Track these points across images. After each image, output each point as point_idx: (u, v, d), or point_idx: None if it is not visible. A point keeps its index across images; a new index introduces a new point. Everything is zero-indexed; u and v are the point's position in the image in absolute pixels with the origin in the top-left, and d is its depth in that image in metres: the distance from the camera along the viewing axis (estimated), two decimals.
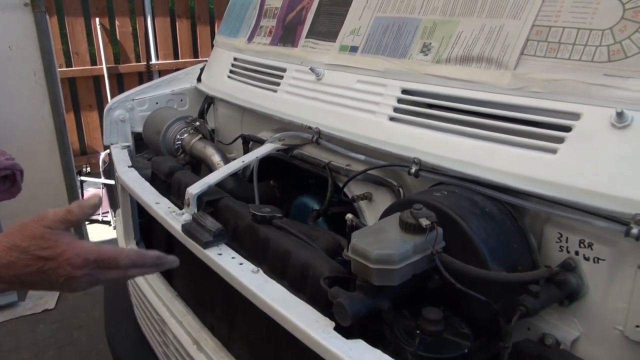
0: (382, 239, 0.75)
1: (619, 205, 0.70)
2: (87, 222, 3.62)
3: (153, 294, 1.36)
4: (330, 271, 0.85)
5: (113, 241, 3.47)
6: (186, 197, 1.15)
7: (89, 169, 4.51)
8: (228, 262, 0.97)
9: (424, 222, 0.72)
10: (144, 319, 1.45)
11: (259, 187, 1.40)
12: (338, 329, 0.76)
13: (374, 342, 0.73)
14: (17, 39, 2.67)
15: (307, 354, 0.89)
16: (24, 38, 2.68)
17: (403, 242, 0.73)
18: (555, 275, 0.78)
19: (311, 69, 1.20)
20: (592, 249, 0.78)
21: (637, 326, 0.75)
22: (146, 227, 1.59)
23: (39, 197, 3.09)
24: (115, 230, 3.73)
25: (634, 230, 0.68)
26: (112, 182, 3.76)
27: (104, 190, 3.95)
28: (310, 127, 1.16)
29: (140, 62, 4.58)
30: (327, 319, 0.78)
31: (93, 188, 4.29)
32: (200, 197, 1.15)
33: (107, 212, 3.92)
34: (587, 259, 0.79)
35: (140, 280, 1.44)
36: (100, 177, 3.94)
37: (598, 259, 0.78)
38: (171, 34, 4.65)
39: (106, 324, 1.70)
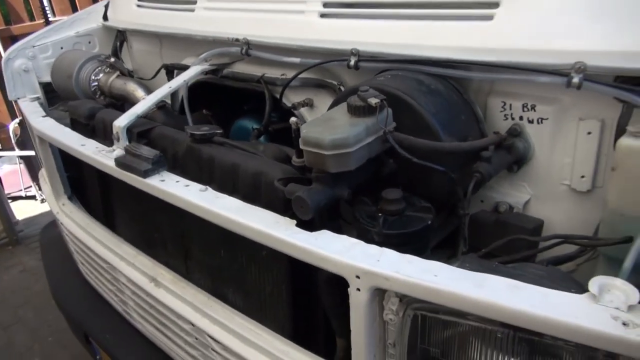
0: (332, 126, 0.72)
1: (558, 58, 0.71)
2: (10, 200, 3.36)
3: (97, 243, 1.28)
4: (283, 173, 0.82)
5: (44, 214, 3.27)
6: (114, 132, 1.07)
7: None
8: (173, 186, 0.91)
9: (373, 100, 0.70)
10: (91, 272, 1.38)
11: (193, 117, 1.32)
12: (300, 225, 0.74)
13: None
14: None
15: (269, 262, 0.88)
16: None
17: (355, 125, 0.71)
18: (504, 141, 0.79)
19: None
20: (535, 110, 0.80)
21: (582, 177, 0.79)
22: (76, 180, 1.47)
23: None
24: (42, 204, 3.50)
25: (575, 80, 0.70)
26: (29, 152, 3.50)
27: (21, 166, 3.66)
28: (237, 40, 1.09)
29: (34, 20, 4.14)
30: (288, 219, 0.76)
31: (8, 164, 3.96)
32: (129, 130, 1.07)
33: (30, 186, 3.65)
34: (531, 121, 0.81)
35: (80, 234, 1.35)
36: (14, 150, 3.62)
37: (541, 119, 0.80)
38: None
39: (53, 291, 1.60)
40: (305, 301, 0.88)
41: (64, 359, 2.13)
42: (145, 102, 1.12)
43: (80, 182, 1.45)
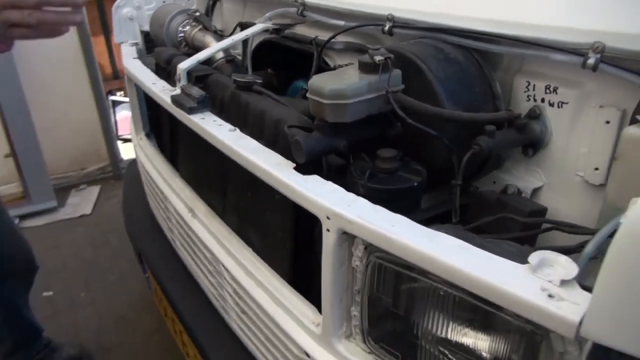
0: (338, 79, 0.76)
1: (578, 37, 0.68)
2: (120, 141, 3.78)
3: (158, 175, 1.43)
4: (299, 122, 0.87)
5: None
6: (177, 74, 1.19)
7: (123, 93, 4.62)
8: (209, 124, 1.01)
9: (378, 58, 0.73)
10: (153, 201, 1.55)
11: (257, 75, 1.42)
12: (297, 168, 0.79)
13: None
14: None
15: (280, 207, 0.94)
16: None
17: (357, 80, 0.74)
18: (516, 119, 0.78)
19: None
20: (557, 93, 0.77)
21: (596, 169, 0.75)
22: (154, 119, 1.65)
23: (70, 117, 3.24)
24: None
25: (591, 60, 0.67)
26: None
27: None
28: (295, 1, 1.15)
29: None
30: (289, 162, 0.81)
31: (127, 110, 4.43)
32: (189, 73, 1.18)
33: None
34: (551, 104, 0.78)
35: (149, 166, 1.52)
36: None
37: (562, 102, 0.77)
38: None
39: (124, 214, 1.82)
40: (306, 250, 0.93)
41: (133, 281, 2.40)
42: (207, 51, 1.23)
43: (157, 121, 1.63)
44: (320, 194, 0.71)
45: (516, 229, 0.74)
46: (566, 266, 0.53)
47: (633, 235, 0.41)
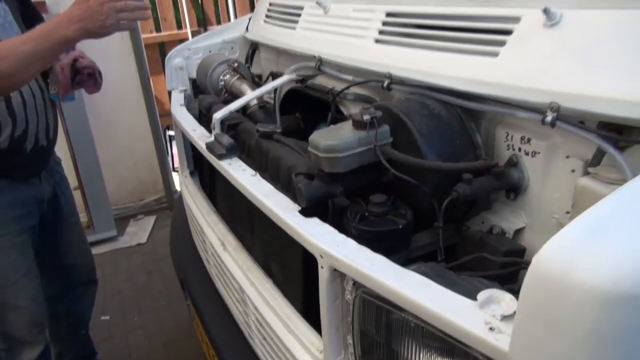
0: (333, 134, 0.88)
1: (539, 97, 0.77)
2: (175, 173, 4.06)
3: (197, 211, 1.60)
4: (306, 170, 1.00)
5: None
6: (212, 122, 1.35)
7: None
8: (235, 168, 1.15)
9: (365, 117, 0.84)
10: (194, 232, 1.71)
11: (286, 119, 1.58)
12: (304, 212, 0.91)
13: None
14: None
15: (294, 245, 1.06)
16: None
17: (349, 136, 0.86)
18: (493, 168, 0.86)
19: (317, 3, 1.32)
20: (530, 143, 0.86)
21: (567, 212, 0.82)
22: (197, 159, 1.83)
23: (130, 148, 3.54)
24: None
25: (548, 118, 0.75)
26: None
27: None
28: (314, 56, 1.30)
29: (220, 24, 4.87)
30: (296, 205, 0.94)
31: None
32: (223, 122, 1.35)
33: None
34: (527, 153, 0.87)
35: (191, 202, 1.69)
36: None
37: (535, 152, 0.85)
38: None
39: (171, 244, 2.00)
40: (315, 282, 1.04)
41: (181, 306, 2.58)
42: (239, 101, 1.39)
43: (200, 160, 1.81)
44: (315, 234, 0.83)
45: (494, 267, 0.82)
46: (509, 303, 0.61)
47: (537, 276, 0.50)
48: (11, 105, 1.38)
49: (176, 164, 4.42)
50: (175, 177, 4.01)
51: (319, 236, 0.82)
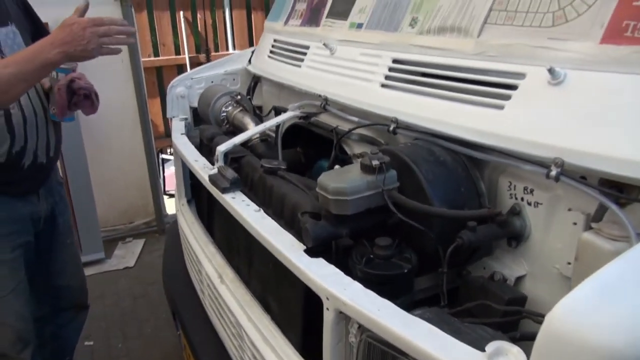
0: (342, 177, 0.90)
1: (544, 151, 0.80)
2: (166, 197, 4.04)
3: (194, 240, 1.60)
4: (312, 209, 1.01)
5: None
6: (216, 154, 1.37)
7: (171, 150, 4.95)
8: (238, 203, 1.16)
9: (374, 162, 0.87)
10: (189, 262, 1.70)
11: (287, 153, 1.60)
12: (309, 252, 0.92)
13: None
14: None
15: (294, 282, 1.06)
16: None
17: (358, 179, 0.88)
18: (497, 216, 0.89)
19: (324, 45, 1.36)
20: (533, 194, 0.88)
21: (569, 263, 0.84)
22: (195, 188, 1.84)
23: (123, 173, 3.53)
24: None
25: (553, 172, 0.78)
26: None
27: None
28: (320, 95, 1.33)
29: (218, 52, 4.94)
30: (301, 244, 0.95)
31: (174, 167, 4.74)
32: (226, 155, 1.36)
33: None
34: (529, 203, 0.89)
35: (187, 230, 1.69)
36: None
37: (537, 203, 0.88)
38: (247, 24, 4.97)
39: (164, 271, 1.98)
40: (315, 321, 1.04)
41: (167, 334, 2.54)
42: (244, 135, 1.41)
43: (198, 189, 1.81)
44: (321, 276, 0.84)
45: (496, 314, 0.84)
46: (517, 356, 0.62)
47: (550, 335, 0.52)
48: (11, 121, 1.39)
49: (167, 187, 4.41)
50: (167, 200, 4.00)
51: (325, 278, 0.83)
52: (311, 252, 0.92)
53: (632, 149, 0.72)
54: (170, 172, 4.59)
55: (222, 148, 1.36)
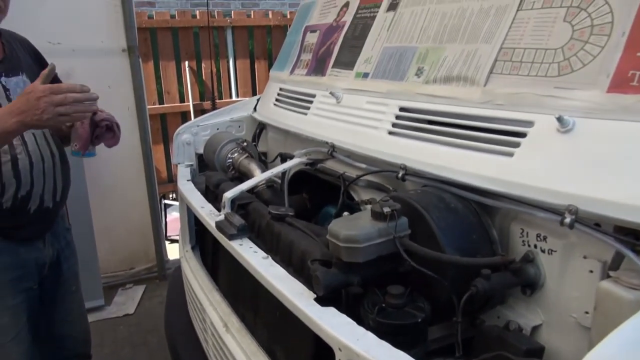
0: (353, 224, 0.90)
1: (557, 199, 0.80)
2: (168, 242, 4.01)
3: (198, 287, 1.57)
4: (321, 256, 1.00)
5: None
6: (222, 201, 1.37)
7: (174, 195, 4.97)
8: (246, 250, 1.15)
9: (386, 209, 0.87)
10: (192, 309, 1.67)
11: (293, 199, 1.60)
12: (319, 300, 0.91)
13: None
14: (115, 79, 3.14)
15: (304, 332, 1.04)
16: (121, 79, 3.15)
17: (369, 227, 0.88)
18: (510, 264, 0.88)
19: (331, 94, 1.39)
20: (546, 241, 0.88)
21: (586, 312, 0.83)
22: (200, 234, 1.83)
23: (126, 218, 3.52)
24: None
25: (567, 220, 0.78)
26: None
27: None
28: (327, 142, 1.34)
29: (222, 99, 5.04)
30: (311, 292, 0.93)
31: (176, 212, 4.73)
32: (233, 201, 1.36)
33: None
34: (543, 251, 0.88)
35: (191, 277, 1.67)
36: None
37: (551, 250, 0.87)
38: (250, 73, 5.09)
39: (165, 318, 1.94)
40: None
41: None
42: (251, 182, 1.42)
43: (203, 235, 1.80)
44: (333, 325, 0.82)
45: None
46: None
47: None
48: (17, 167, 1.40)
49: (169, 233, 4.38)
50: (168, 246, 3.97)
51: (337, 328, 0.81)
52: (321, 300, 0.90)
53: None
54: (172, 217, 4.58)
55: (229, 194, 1.36)
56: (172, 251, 3.96)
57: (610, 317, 0.71)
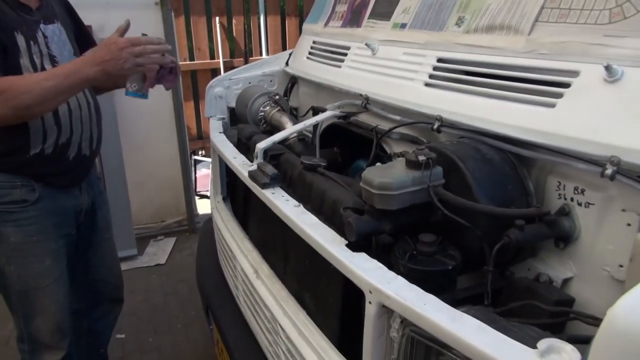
0: (387, 173, 0.90)
1: (599, 150, 0.78)
2: (197, 197, 4.10)
3: (229, 236, 1.61)
4: (353, 204, 1.01)
5: None
6: (255, 151, 1.38)
7: (203, 152, 5.04)
8: (278, 199, 1.17)
9: (421, 158, 0.86)
10: (223, 258, 1.72)
11: (324, 152, 1.60)
12: (351, 246, 0.92)
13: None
14: (148, 33, 3.14)
15: (333, 277, 1.06)
16: (153, 32, 3.15)
17: (403, 175, 0.88)
18: (545, 216, 0.87)
19: (367, 45, 1.37)
20: (584, 194, 0.86)
21: (621, 266, 0.82)
22: (231, 185, 1.86)
23: (157, 173, 3.60)
24: None
25: (608, 171, 0.76)
26: None
27: None
28: (360, 94, 1.33)
29: (252, 56, 5.01)
30: (342, 239, 0.94)
31: (206, 168, 4.81)
32: (266, 152, 1.37)
33: None
34: (579, 204, 0.87)
35: (222, 227, 1.71)
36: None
37: (589, 203, 0.85)
38: (280, 30, 5.03)
39: (197, 267, 2.01)
40: (353, 316, 1.04)
41: (196, 331, 2.56)
42: (283, 133, 1.42)
43: (234, 187, 1.83)
44: (364, 269, 0.83)
45: (543, 315, 0.82)
46: (571, 354, 0.60)
47: (612, 330, 0.50)
48: (57, 113, 1.44)
49: (199, 188, 4.46)
50: (198, 201, 4.05)
51: (368, 272, 0.83)
52: (353, 246, 0.92)
53: None
54: (201, 173, 4.66)
55: (261, 145, 1.37)
56: (202, 206, 4.06)
57: None
